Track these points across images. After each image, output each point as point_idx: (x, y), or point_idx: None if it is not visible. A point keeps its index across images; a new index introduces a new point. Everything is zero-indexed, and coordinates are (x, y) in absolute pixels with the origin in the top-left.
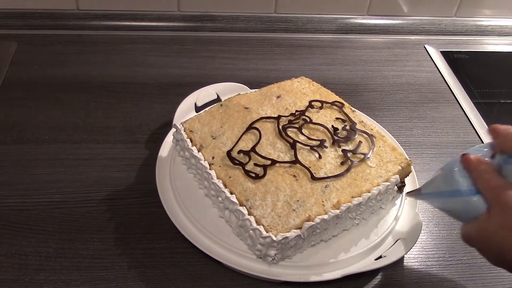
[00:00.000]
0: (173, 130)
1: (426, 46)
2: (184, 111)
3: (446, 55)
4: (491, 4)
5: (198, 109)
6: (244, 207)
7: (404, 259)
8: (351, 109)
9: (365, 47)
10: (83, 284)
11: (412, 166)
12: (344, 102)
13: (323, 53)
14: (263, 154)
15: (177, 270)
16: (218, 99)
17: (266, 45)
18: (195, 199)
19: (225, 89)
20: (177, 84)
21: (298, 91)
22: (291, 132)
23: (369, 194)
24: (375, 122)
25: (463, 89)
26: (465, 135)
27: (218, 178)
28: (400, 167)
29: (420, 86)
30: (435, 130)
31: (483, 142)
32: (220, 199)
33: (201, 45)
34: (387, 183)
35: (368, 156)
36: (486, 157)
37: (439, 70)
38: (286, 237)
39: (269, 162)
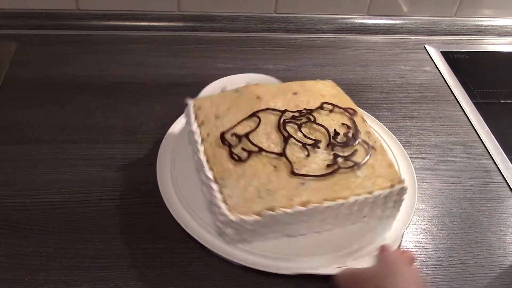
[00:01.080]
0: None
1: (426, 46)
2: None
3: (446, 55)
4: (491, 4)
5: None
6: (217, 184)
7: None
8: (363, 118)
9: (365, 47)
10: (83, 284)
11: (406, 185)
12: (358, 111)
13: (323, 53)
14: (254, 142)
15: (177, 270)
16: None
17: (266, 45)
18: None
19: (255, 80)
20: (177, 84)
21: (317, 92)
22: (290, 127)
23: (343, 201)
24: (391, 136)
25: (463, 89)
26: (465, 135)
27: (204, 153)
28: (389, 184)
29: (420, 86)
30: (435, 130)
31: (483, 142)
32: (201, 174)
33: (201, 45)
34: (368, 196)
35: (359, 165)
36: None
37: (439, 70)
38: (243, 220)
39: (256, 149)
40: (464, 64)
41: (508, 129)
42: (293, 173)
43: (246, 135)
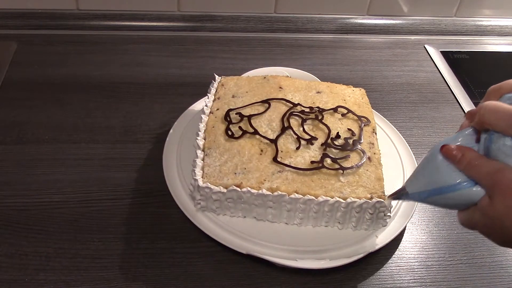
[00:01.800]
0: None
1: (426, 46)
2: None
3: (446, 55)
4: (491, 4)
5: None
6: (202, 152)
7: (404, 259)
8: (374, 130)
9: (365, 47)
10: (83, 284)
11: (386, 202)
12: (372, 122)
13: (323, 53)
14: (254, 124)
15: (177, 270)
16: None
17: (266, 45)
18: None
19: (295, 74)
20: (177, 84)
21: (342, 96)
22: (294, 120)
23: (312, 198)
24: (406, 148)
25: (463, 89)
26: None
27: (205, 124)
28: (368, 196)
29: (420, 86)
30: (435, 130)
31: None
32: (195, 140)
33: (201, 45)
34: (340, 200)
35: (344, 170)
36: (470, 143)
37: (439, 70)
38: (209, 188)
39: (252, 131)
40: (464, 64)
41: None
42: (274, 160)
43: (249, 117)
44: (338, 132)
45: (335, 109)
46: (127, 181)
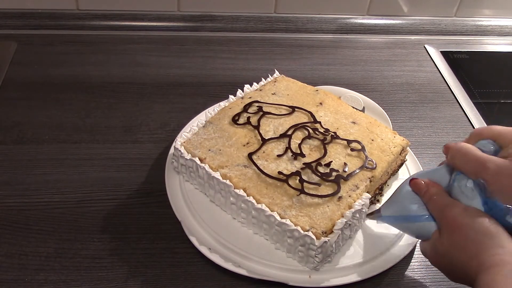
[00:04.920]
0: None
1: (426, 46)
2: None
3: (446, 55)
4: (491, 4)
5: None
6: (204, 123)
7: (404, 259)
8: (371, 179)
9: (365, 47)
10: (83, 284)
11: (317, 243)
12: (377, 174)
13: (323, 53)
14: (261, 122)
15: (177, 270)
16: (362, 110)
17: (266, 45)
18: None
19: (369, 105)
20: (177, 84)
21: (373, 135)
22: (301, 133)
23: (253, 201)
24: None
25: (463, 89)
26: (465, 135)
27: (227, 104)
28: (307, 228)
29: (420, 86)
30: (435, 130)
31: None
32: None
33: (201, 45)
34: (274, 216)
35: (303, 194)
36: (444, 179)
37: (439, 70)
38: (180, 151)
39: (254, 124)
40: (464, 64)
41: None
42: (249, 155)
43: (264, 113)
44: (332, 162)
45: (349, 142)
46: (127, 181)
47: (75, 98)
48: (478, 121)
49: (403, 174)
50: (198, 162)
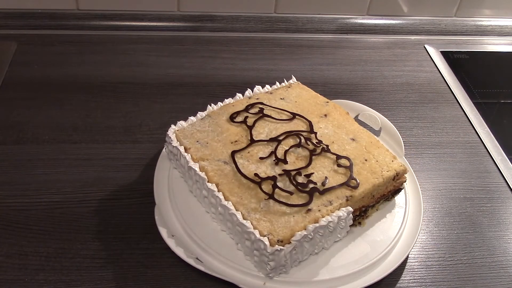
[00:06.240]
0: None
1: (426, 46)
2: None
3: (446, 55)
4: (491, 4)
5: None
6: (198, 116)
7: (404, 259)
8: (349, 198)
9: (365, 47)
10: (83, 284)
11: (269, 250)
12: (358, 193)
13: (323, 53)
14: (257, 123)
15: (177, 270)
16: (378, 131)
17: (266, 45)
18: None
19: (385, 126)
20: (177, 84)
21: (367, 154)
22: (292, 140)
23: (220, 197)
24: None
25: (463, 89)
26: (465, 135)
27: (231, 101)
28: (264, 233)
29: (420, 86)
30: (435, 130)
31: (483, 142)
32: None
33: (201, 45)
34: (236, 215)
35: (270, 200)
36: None
37: (439, 70)
38: (170, 138)
39: (249, 124)
40: (464, 64)
41: (508, 129)
42: (232, 152)
43: (263, 115)
44: (313, 173)
45: (338, 157)
46: (127, 181)
47: (75, 98)
48: (478, 121)
49: (401, 203)
50: (182, 151)
